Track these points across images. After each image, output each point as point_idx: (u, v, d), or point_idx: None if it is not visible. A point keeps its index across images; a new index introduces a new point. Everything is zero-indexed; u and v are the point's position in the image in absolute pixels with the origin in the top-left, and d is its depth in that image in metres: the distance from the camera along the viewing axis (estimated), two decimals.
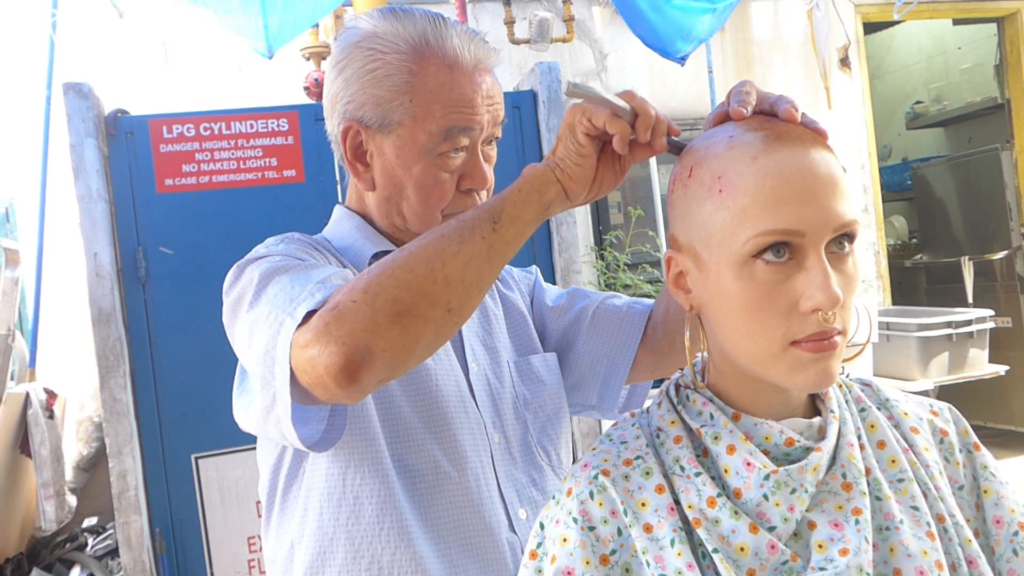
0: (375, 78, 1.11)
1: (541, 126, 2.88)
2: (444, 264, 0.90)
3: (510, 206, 0.96)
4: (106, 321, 2.57)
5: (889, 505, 0.82)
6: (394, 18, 1.13)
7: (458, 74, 1.11)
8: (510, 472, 1.20)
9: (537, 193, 0.98)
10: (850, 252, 0.81)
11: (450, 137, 1.11)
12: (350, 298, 0.88)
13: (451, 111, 1.10)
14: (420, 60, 1.10)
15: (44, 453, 3.04)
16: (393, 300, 0.87)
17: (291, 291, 0.94)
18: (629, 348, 1.29)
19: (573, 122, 0.98)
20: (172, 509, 2.68)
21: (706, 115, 0.92)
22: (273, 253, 1.07)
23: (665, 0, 3.14)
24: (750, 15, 4.93)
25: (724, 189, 0.81)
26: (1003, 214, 5.42)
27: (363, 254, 1.18)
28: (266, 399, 0.95)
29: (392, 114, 1.11)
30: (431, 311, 0.89)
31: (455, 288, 0.90)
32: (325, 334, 0.86)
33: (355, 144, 1.16)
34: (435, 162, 1.12)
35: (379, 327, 0.86)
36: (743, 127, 0.84)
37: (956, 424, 0.94)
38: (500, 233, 0.94)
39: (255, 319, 0.97)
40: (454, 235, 0.93)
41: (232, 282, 1.07)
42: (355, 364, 0.85)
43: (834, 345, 0.79)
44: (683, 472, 0.84)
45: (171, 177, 2.64)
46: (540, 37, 4.09)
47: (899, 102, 6.98)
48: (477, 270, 0.92)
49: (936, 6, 5.22)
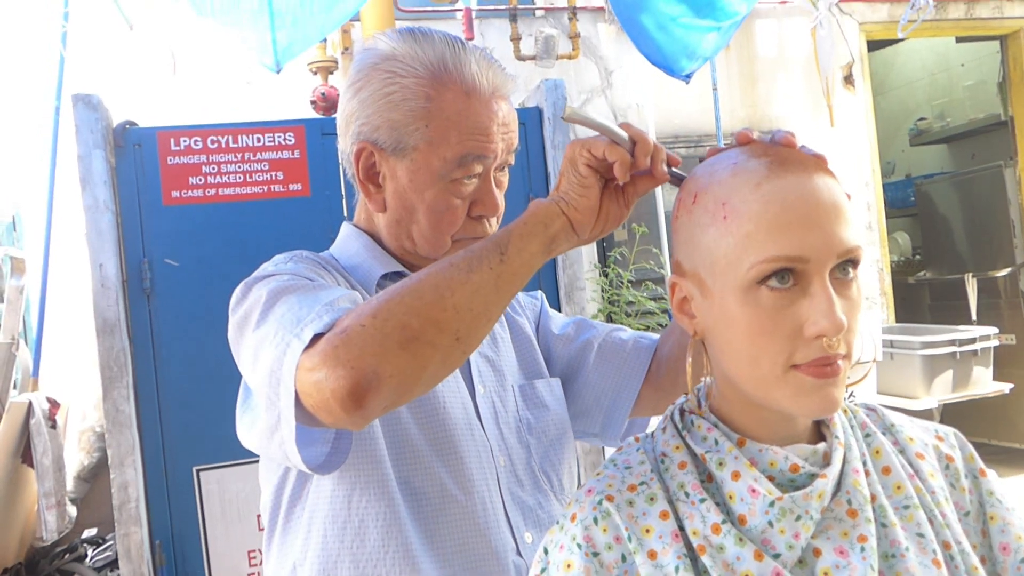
0: (391, 101, 1.11)
1: (546, 143, 2.89)
2: (453, 292, 0.91)
3: (516, 238, 0.97)
4: (110, 332, 2.58)
5: (895, 532, 0.82)
6: (413, 40, 1.13)
7: (475, 101, 1.11)
8: (517, 495, 1.19)
9: (543, 226, 0.99)
10: (854, 278, 0.81)
11: (464, 164, 1.11)
12: (359, 322, 0.88)
13: (466, 138, 1.10)
14: (438, 85, 1.10)
15: (46, 463, 3.04)
16: (402, 326, 0.87)
17: (298, 312, 0.94)
18: (634, 383, 1.30)
19: (573, 155, 0.99)
20: (173, 521, 2.67)
21: (712, 132, 0.93)
22: (281, 272, 1.07)
23: (670, 18, 3.15)
24: (754, 33, 4.95)
25: (728, 216, 0.81)
26: (1007, 231, 5.42)
27: (371, 274, 1.18)
28: (270, 420, 0.95)
29: (407, 138, 1.11)
30: (439, 338, 0.89)
31: (463, 316, 0.91)
32: (333, 357, 0.86)
33: (368, 165, 1.16)
34: (447, 188, 1.12)
35: (387, 352, 0.86)
36: (746, 154, 0.84)
37: (962, 450, 0.94)
38: (507, 264, 0.95)
39: (261, 338, 0.97)
40: (463, 264, 0.93)
41: (239, 299, 1.07)
42: (362, 389, 0.85)
43: (837, 371, 0.79)
44: (688, 498, 0.84)
45: (178, 189, 2.65)
46: (546, 54, 4.10)
47: (903, 119, 7.00)
48: (485, 300, 0.93)
49: (939, 24, 5.24)
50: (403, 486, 1.10)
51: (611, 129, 0.97)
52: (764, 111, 4.92)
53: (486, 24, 4.43)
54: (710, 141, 4.61)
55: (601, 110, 4.65)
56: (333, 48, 4.10)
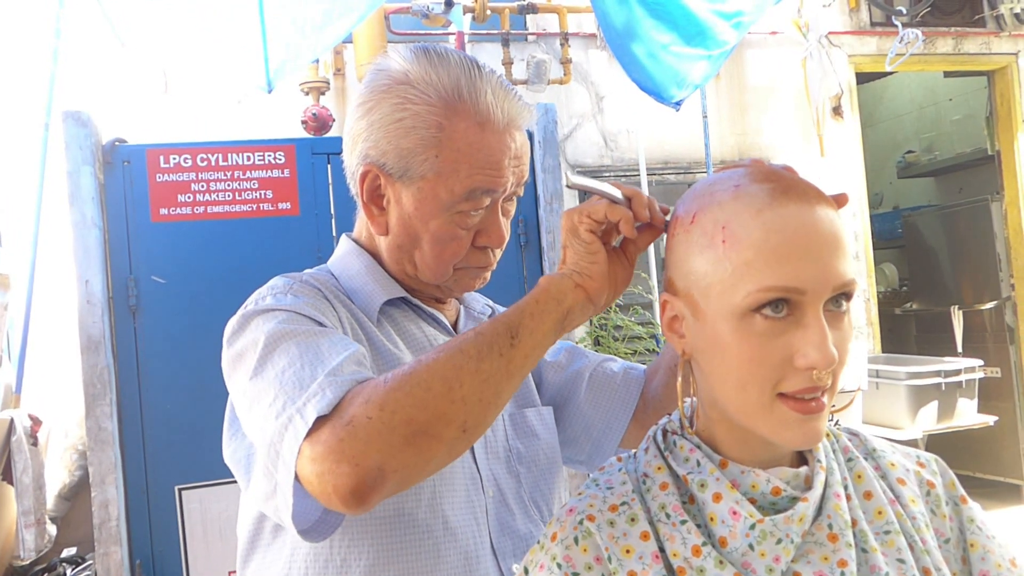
0: (402, 127, 1.07)
1: (537, 166, 2.91)
2: (462, 383, 0.88)
3: (528, 318, 0.94)
4: (95, 349, 2.56)
5: (875, 558, 0.82)
6: (428, 62, 1.09)
7: (488, 134, 1.07)
8: (507, 524, 1.16)
9: (555, 302, 0.96)
10: (846, 310, 0.81)
11: (472, 198, 1.08)
12: (365, 413, 0.85)
13: (476, 172, 1.07)
14: (451, 115, 1.06)
15: (26, 480, 3.01)
16: (408, 420, 0.85)
17: (299, 371, 0.92)
18: (623, 417, 1.29)
19: (573, 224, 0.96)
20: (153, 541, 2.64)
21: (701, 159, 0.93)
22: (281, 306, 1.03)
23: (660, 46, 3.17)
24: (745, 63, 4.99)
25: (727, 240, 0.80)
26: (992, 264, 5.46)
27: (373, 299, 1.15)
28: (267, 487, 0.93)
29: (416, 167, 1.08)
30: (446, 431, 0.87)
31: (472, 407, 0.88)
32: (337, 451, 0.83)
33: (373, 188, 1.13)
34: (453, 219, 1.09)
35: (393, 448, 0.84)
36: (749, 177, 0.83)
37: (943, 476, 0.94)
38: (519, 348, 0.92)
39: (258, 393, 0.94)
40: (472, 351, 0.90)
41: (235, 331, 1.04)
42: (366, 487, 0.83)
43: (821, 407, 0.79)
44: (669, 519, 0.84)
45: (166, 206, 2.65)
46: (537, 78, 4.13)
47: (891, 151, 7.06)
48: (495, 388, 0.90)
49: (927, 58, 5.30)
50: (387, 523, 1.06)
51: (608, 191, 0.95)
52: (754, 140, 4.96)
53: (478, 48, 4.46)
54: (699, 168, 4.64)
55: (592, 136, 4.68)
56: (325, 69, 4.12)
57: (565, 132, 4.62)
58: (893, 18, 5.02)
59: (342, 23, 2.58)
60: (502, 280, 2.87)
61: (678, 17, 3.21)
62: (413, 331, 1.18)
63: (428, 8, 3.67)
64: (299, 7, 2.61)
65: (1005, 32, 5.36)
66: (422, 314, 1.20)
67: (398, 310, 1.18)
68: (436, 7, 3.68)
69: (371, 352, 1.10)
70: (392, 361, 1.10)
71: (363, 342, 1.10)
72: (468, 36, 4.22)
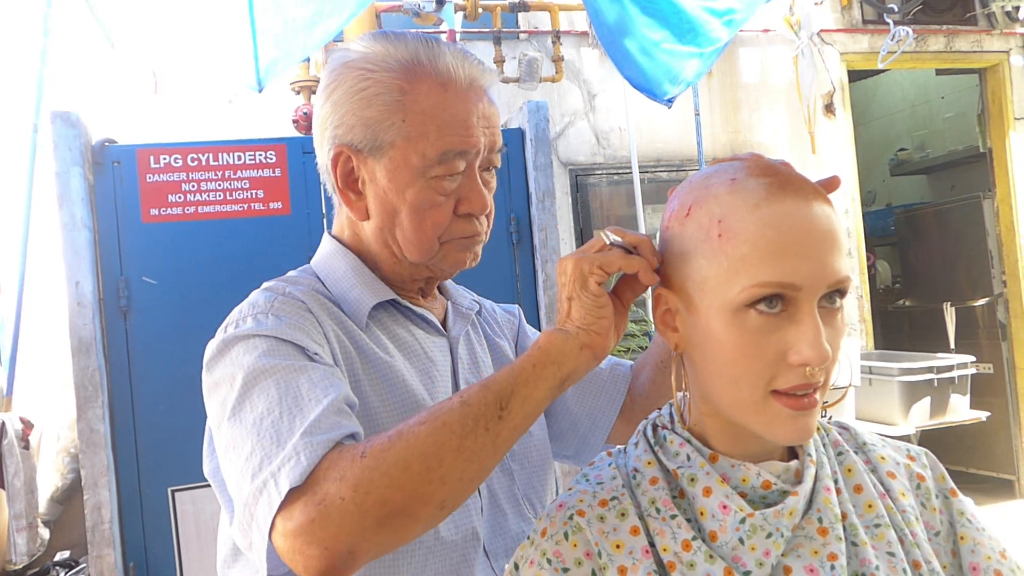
0: (364, 98, 1.06)
1: (528, 164, 2.90)
2: (442, 462, 0.83)
3: (522, 386, 0.88)
4: (86, 351, 2.55)
5: (865, 551, 0.82)
6: (384, 40, 1.09)
7: (452, 93, 1.06)
8: (500, 525, 1.15)
9: (555, 366, 0.89)
10: (840, 307, 0.81)
11: (445, 161, 1.06)
12: (339, 493, 0.82)
13: (446, 133, 1.05)
14: (411, 79, 1.06)
15: (18, 484, 3.00)
16: (383, 501, 0.82)
17: (278, 422, 0.89)
18: (610, 413, 1.28)
19: (583, 274, 0.89)
20: (147, 543, 2.63)
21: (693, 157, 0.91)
22: (262, 332, 0.99)
23: (653, 43, 3.17)
24: (737, 60, 5.00)
25: (723, 234, 0.80)
26: (984, 261, 5.48)
27: (362, 305, 1.12)
28: (244, 541, 0.91)
29: (383, 134, 1.06)
30: (423, 511, 0.84)
31: (452, 486, 0.84)
32: (308, 533, 0.81)
33: (346, 171, 1.11)
34: (429, 185, 1.07)
35: (365, 531, 0.82)
36: (746, 171, 0.82)
37: (933, 470, 0.94)
38: (507, 420, 0.86)
39: (237, 439, 0.92)
40: (456, 427, 0.84)
41: (214, 358, 1.01)
42: (337, 569, 0.82)
43: (814, 403, 0.79)
44: (659, 514, 0.83)
45: (157, 207, 2.64)
46: (529, 76, 4.12)
47: (883, 149, 7.08)
48: (479, 465, 0.86)
49: (919, 56, 5.31)
50: None
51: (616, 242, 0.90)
52: (746, 137, 4.96)
53: (470, 46, 4.43)
54: (692, 166, 4.64)
55: (584, 134, 4.68)
56: (316, 68, 4.10)
57: (557, 130, 4.62)
58: (885, 16, 5.02)
59: (333, 21, 2.58)
60: (494, 277, 2.87)
61: (670, 14, 3.21)
62: (403, 335, 1.16)
63: (419, 6, 3.67)
64: (289, 6, 2.60)
65: (997, 30, 5.37)
66: (411, 315, 1.18)
67: (387, 314, 1.16)
68: (427, 5, 3.67)
69: (361, 361, 1.07)
70: (382, 368, 1.08)
71: (351, 354, 1.07)
72: (460, 34, 4.21)
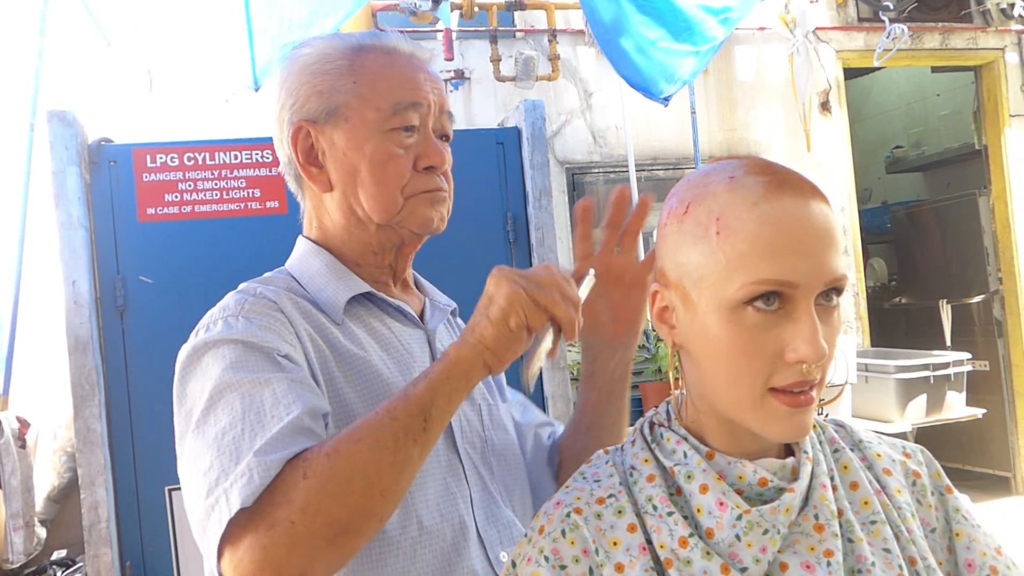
0: (316, 74, 1.12)
1: (524, 163, 2.90)
2: (380, 476, 0.88)
3: (440, 398, 0.94)
4: (82, 350, 2.55)
5: (861, 547, 0.82)
6: (333, 37, 1.17)
7: (397, 57, 1.14)
8: (493, 512, 1.15)
9: (465, 379, 0.96)
10: (837, 305, 0.82)
11: (398, 112, 1.11)
12: (288, 517, 0.84)
13: (397, 87, 1.12)
14: (358, 53, 1.14)
15: (14, 483, 3.00)
16: (331, 521, 0.85)
17: (239, 438, 0.91)
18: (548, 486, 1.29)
19: (509, 312, 0.95)
20: (144, 542, 2.63)
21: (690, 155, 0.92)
22: (232, 336, 1.01)
23: (649, 42, 3.18)
24: (733, 58, 5.00)
25: (721, 232, 0.80)
26: (980, 258, 5.49)
27: (337, 299, 1.14)
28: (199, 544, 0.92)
29: (337, 98, 1.11)
30: (366, 526, 0.89)
31: (389, 498, 0.90)
32: (260, 559, 0.83)
33: (306, 147, 1.14)
34: (387, 137, 1.11)
35: (316, 551, 0.85)
36: (745, 169, 0.83)
37: (928, 466, 0.94)
38: (430, 431, 0.93)
39: (198, 453, 0.93)
40: (389, 440, 0.89)
41: (185, 366, 1.03)
42: None
43: (810, 400, 0.79)
44: (656, 511, 0.84)
45: (153, 206, 2.63)
46: (525, 75, 4.13)
47: (879, 146, 7.09)
48: (410, 474, 0.92)
49: (915, 54, 5.32)
50: None
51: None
52: (742, 135, 4.97)
53: (466, 45, 4.45)
54: (688, 164, 4.64)
55: (580, 132, 4.68)
56: None
57: (554, 129, 4.62)
58: (880, 13, 5.04)
59: (329, 20, 2.58)
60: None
61: (666, 13, 3.21)
62: (380, 329, 1.17)
63: (415, 5, 3.67)
64: (285, 4, 2.60)
65: (992, 27, 5.38)
66: (387, 308, 1.20)
67: (363, 308, 1.17)
68: (423, 4, 3.68)
69: (335, 358, 1.08)
70: (356, 363, 1.09)
71: (324, 352, 1.08)
72: (456, 33, 4.21)
